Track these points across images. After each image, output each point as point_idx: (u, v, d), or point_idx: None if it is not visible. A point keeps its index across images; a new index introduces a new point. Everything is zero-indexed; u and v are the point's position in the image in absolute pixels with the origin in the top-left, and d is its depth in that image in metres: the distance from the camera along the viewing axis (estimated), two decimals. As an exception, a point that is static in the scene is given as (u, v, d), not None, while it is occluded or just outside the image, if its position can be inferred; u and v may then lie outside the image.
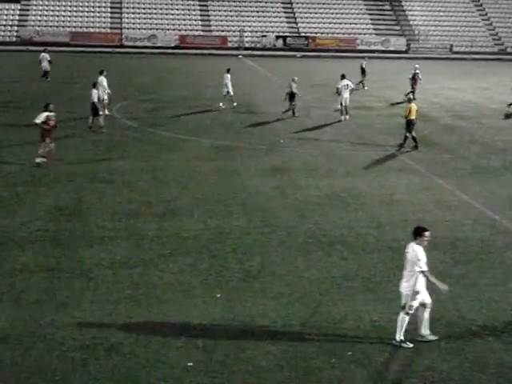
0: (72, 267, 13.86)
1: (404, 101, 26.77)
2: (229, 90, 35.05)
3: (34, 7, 74.18)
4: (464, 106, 39.18)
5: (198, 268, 14.03)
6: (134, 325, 11.54)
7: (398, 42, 77.88)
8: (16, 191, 19.11)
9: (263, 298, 12.73)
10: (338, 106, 32.76)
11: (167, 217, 17.23)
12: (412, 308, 10.98)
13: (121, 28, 74.03)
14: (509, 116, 35.30)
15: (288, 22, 78.53)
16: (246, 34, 74.91)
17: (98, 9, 75.50)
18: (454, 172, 23.00)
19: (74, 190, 19.38)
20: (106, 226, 16.44)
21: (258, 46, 74.64)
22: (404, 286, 11.00)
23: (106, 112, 29.73)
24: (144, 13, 76.11)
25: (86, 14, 74.60)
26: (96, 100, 27.61)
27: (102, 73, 31.10)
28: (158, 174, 21.38)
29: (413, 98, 27.81)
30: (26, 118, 30.34)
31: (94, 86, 28.36)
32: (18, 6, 73.67)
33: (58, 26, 72.27)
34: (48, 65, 44.69)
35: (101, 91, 29.91)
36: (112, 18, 74.93)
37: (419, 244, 10.93)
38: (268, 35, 75.37)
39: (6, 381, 9.82)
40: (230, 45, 73.97)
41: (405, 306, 10.98)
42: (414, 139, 26.06)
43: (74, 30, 72.02)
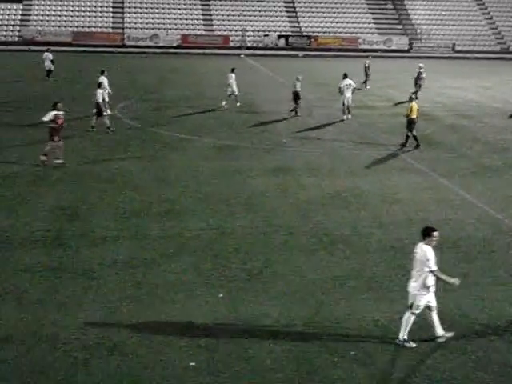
0: (74, 267, 13.88)
1: (412, 98, 26.65)
2: (233, 89, 34.98)
3: (36, 7, 74.15)
4: (466, 105, 39.12)
5: (200, 268, 14.04)
6: (136, 325, 11.55)
7: (401, 41, 77.72)
8: (18, 191, 19.14)
9: (266, 297, 12.73)
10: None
11: (170, 217, 17.24)
12: (419, 308, 10.95)
13: (123, 28, 73.99)
14: None
15: (290, 22, 78.44)
16: (248, 33, 74.84)
17: (100, 8, 75.47)
18: (457, 171, 22.98)
19: (77, 190, 19.39)
20: (109, 225, 16.45)
21: (260, 45, 74.52)
22: (412, 286, 10.98)
23: (108, 112, 29.70)
24: (146, 12, 76.06)
25: (88, 13, 74.56)
26: (101, 100, 27.62)
27: (103, 73, 31.12)
28: (161, 174, 21.39)
29: (415, 97, 27.79)
30: (29, 117, 30.42)
31: (99, 86, 28.32)
32: (21, 6, 73.62)
33: (60, 26, 72.21)
34: (51, 64, 44.68)
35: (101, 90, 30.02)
36: (114, 17, 74.90)
37: (428, 244, 10.92)
38: (270, 35, 75.27)
39: (8, 380, 9.84)
40: (232, 44, 73.86)
41: (412, 305, 10.98)
42: (414, 138, 26.04)
43: (76, 29, 71.93)
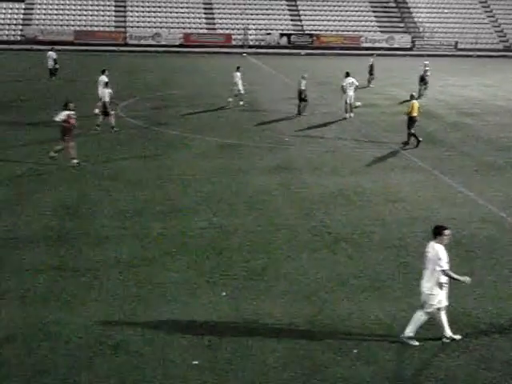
0: (77, 266, 13.88)
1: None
2: (239, 88, 34.94)
3: (39, 6, 74.24)
4: (469, 103, 39.07)
5: (203, 266, 14.03)
6: (139, 323, 11.55)
7: (403, 40, 77.68)
8: (21, 190, 19.14)
9: (268, 296, 12.72)
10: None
11: (172, 215, 17.23)
12: (431, 307, 10.90)
13: (125, 26, 74.04)
14: None
15: (292, 20, 78.43)
16: (250, 31, 74.85)
17: (102, 7, 75.54)
18: (460, 169, 22.95)
19: (79, 189, 19.39)
20: (111, 224, 16.45)
21: (262, 43, 74.55)
22: (425, 286, 10.90)
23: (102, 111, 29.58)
24: (148, 11, 76.10)
25: (90, 12, 74.63)
26: (108, 99, 27.60)
27: (103, 72, 31.11)
28: (163, 173, 21.38)
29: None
30: (32, 117, 30.47)
31: (106, 85, 28.28)
32: (23, 5, 73.74)
33: (62, 25, 72.28)
34: (53, 64, 44.59)
35: (101, 89, 30.00)
36: (116, 16, 74.97)
37: (439, 243, 10.87)
38: (272, 33, 75.28)
39: (11, 379, 9.84)
40: (234, 43, 73.91)
41: (424, 304, 10.94)
42: (414, 136, 26.02)
43: (78, 28, 72.06)
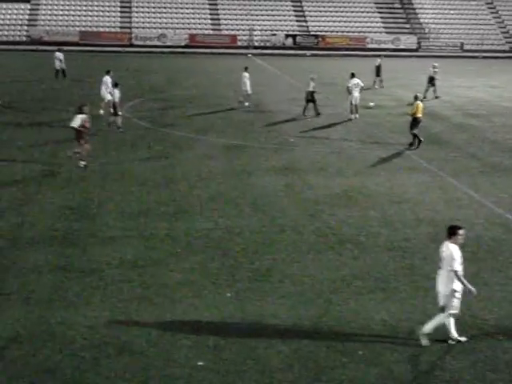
0: (82, 266, 13.89)
1: (417, 97, 26.48)
2: (247, 88, 34.96)
3: (44, 7, 74.33)
4: (475, 104, 38.99)
5: (208, 267, 14.03)
6: (144, 324, 11.56)
7: (409, 41, 77.50)
8: (26, 190, 19.17)
9: (274, 297, 12.71)
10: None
11: (177, 216, 17.24)
12: (454, 308, 10.84)
13: (130, 27, 74.07)
14: None
15: (298, 21, 78.36)
16: (255, 32, 74.84)
17: (107, 8, 75.59)
18: (465, 170, 22.90)
19: (85, 189, 19.41)
20: (116, 225, 16.46)
21: (267, 44, 74.47)
22: (442, 286, 10.85)
23: (111, 111, 29.57)
24: (153, 12, 76.11)
25: (96, 13, 74.67)
26: (117, 100, 27.62)
27: (108, 72, 31.12)
28: (169, 173, 21.40)
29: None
30: (37, 117, 30.52)
31: (116, 85, 28.25)
32: (28, 6, 73.82)
33: (67, 26, 72.37)
34: (59, 64, 44.62)
35: (104, 90, 30.07)
36: (121, 17, 75.01)
37: (454, 243, 10.82)
38: (278, 34, 75.21)
39: (17, 380, 9.85)
40: (239, 44, 73.83)
41: (444, 307, 10.83)
42: (416, 137, 25.96)
43: (83, 29, 72.13)
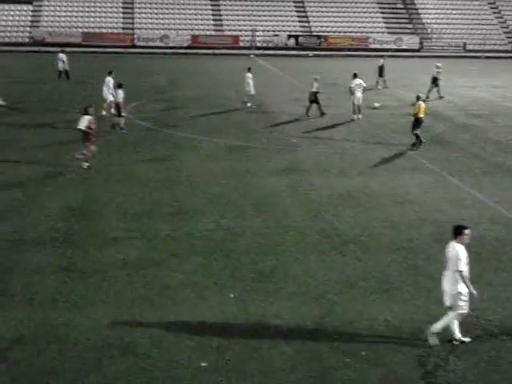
0: (85, 267, 13.89)
1: (419, 97, 26.46)
2: (250, 89, 35.00)
3: (46, 8, 74.44)
4: (478, 104, 38.94)
5: (211, 268, 14.02)
6: (147, 325, 11.55)
7: (411, 41, 77.50)
8: (28, 192, 19.17)
9: (277, 298, 12.70)
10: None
11: (180, 217, 17.23)
12: (463, 307, 10.81)
13: (133, 28, 74.14)
14: None
15: (300, 21, 78.38)
16: (257, 33, 74.86)
17: (109, 9, 75.70)
18: (468, 171, 22.87)
19: (87, 190, 19.42)
20: (119, 226, 16.46)
21: (270, 45, 74.52)
22: (448, 286, 10.81)
23: (112, 111, 29.64)
24: (156, 13, 76.20)
25: (98, 14, 74.78)
26: (121, 100, 27.62)
27: (110, 73, 31.16)
28: (171, 174, 21.39)
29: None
30: (40, 118, 30.54)
31: (120, 86, 28.23)
32: (31, 7, 73.97)
33: (70, 27, 72.46)
34: (63, 65, 44.67)
35: (106, 91, 30.11)
36: (124, 18, 75.10)
37: (460, 242, 10.78)
38: (280, 34, 75.25)
39: (20, 381, 9.85)
40: (241, 44, 73.89)
41: (451, 307, 10.80)
42: (417, 137, 25.93)
43: (86, 30, 72.23)
